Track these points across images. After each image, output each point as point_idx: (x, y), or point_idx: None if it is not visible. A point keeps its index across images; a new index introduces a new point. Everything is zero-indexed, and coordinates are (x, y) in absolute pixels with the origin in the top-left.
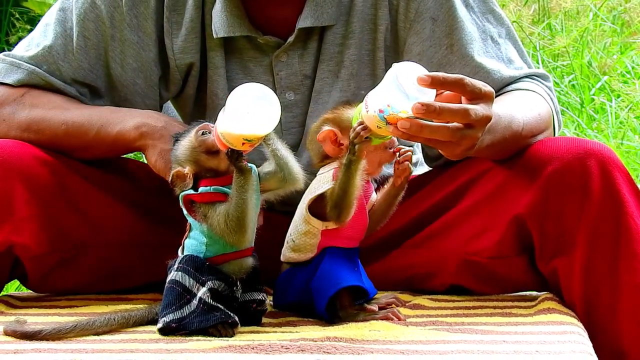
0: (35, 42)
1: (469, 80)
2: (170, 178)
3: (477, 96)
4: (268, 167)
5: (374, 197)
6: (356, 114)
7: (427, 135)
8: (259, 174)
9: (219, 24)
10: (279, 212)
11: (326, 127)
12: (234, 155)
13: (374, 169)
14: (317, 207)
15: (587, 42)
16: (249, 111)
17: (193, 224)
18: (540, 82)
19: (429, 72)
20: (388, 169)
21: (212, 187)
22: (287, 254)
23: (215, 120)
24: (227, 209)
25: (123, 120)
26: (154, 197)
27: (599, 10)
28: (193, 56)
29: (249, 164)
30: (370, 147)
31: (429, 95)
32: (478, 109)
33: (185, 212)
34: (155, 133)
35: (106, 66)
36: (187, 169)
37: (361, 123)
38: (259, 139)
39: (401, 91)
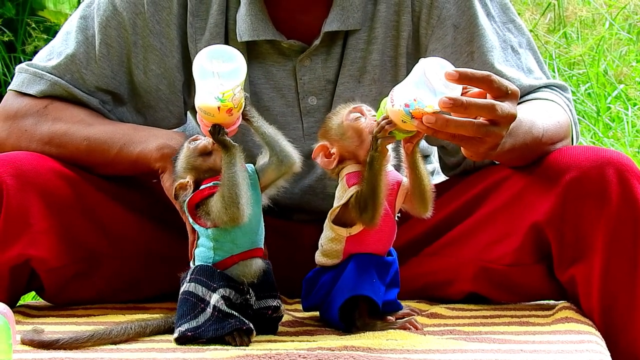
0: (56, 50)
1: (495, 77)
2: (173, 191)
3: (503, 94)
4: (262, 159)
5: (405, 180)
6: (381, 109)
7: (452, 130)
8: (256, 171)
9: (244, 27)
10: (296, 222)
11: (316, 144)
12: (216, 130)
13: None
14: (341, 214)
15: (603, 51)
16: (209, 71)
17: (199, 230)
18: (559, 92)
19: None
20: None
21: (212, 182)
22: (317, 257)
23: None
24: (220, 190)
25: (146, 140)
26: (171, 209)
27: (614, 19)
28: None
29: (247, 165)
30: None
31: (455, 91)
32: (504, 105)
33: (190, 219)
34: None
35: (129, 73)
36: (187, 178)
37: (386, 117)
38: (235, 102)
39: (428, 86)
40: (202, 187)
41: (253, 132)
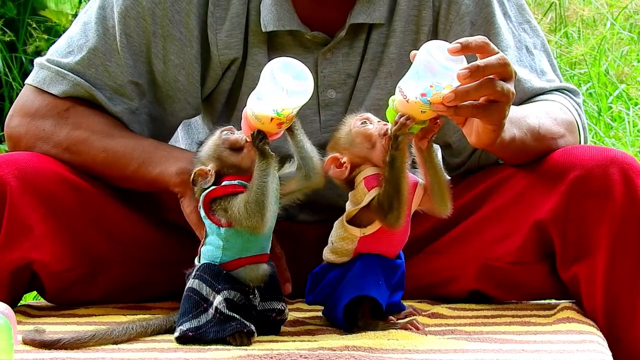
0: (76, 43)
1: (489, 42)
2: (192, 177)
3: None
4: (288, 168)
5: (421, 181)
6: (390, 112)
7: (474, 96)
8: (279, 178)
9: (269, 17)
10: (299, 222)
11: (326, 157)
12: (259, 137)
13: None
14: (357, 216)
15: (604, 50)
16: (279, 84)
17: (210, 227)
18: (569, 96)
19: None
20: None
21: (236, 180)
22: (326, 254)
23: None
24: (247, 194)
25: (166, 162)
26: (177, 212)
27: (616, 19)
28: (237, 52)
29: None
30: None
31: (463, 64)
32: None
33: (203, 214)
34: None
35: (148, 63)
36: (209, 166)
37: (401, 115)
38: (288, 118)
39: (438, 69)
40: (224, 183)
41: (290, 141)
